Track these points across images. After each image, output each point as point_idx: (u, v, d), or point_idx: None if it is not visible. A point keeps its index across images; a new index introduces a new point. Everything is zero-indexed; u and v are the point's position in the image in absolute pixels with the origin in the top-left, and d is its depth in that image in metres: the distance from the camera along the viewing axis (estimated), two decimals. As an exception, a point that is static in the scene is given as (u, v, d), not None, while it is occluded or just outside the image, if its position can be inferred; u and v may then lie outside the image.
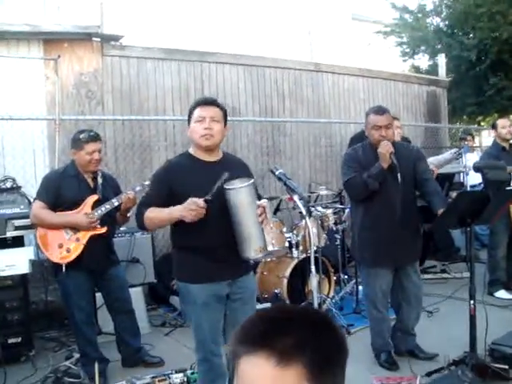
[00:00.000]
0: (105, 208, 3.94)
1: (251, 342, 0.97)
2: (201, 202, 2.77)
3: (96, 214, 3.91)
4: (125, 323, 4.32)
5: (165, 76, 6.80)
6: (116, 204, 3.98)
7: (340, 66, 8.67)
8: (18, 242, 4.35)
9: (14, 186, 4.96)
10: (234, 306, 3.09)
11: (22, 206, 4.48)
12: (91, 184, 4.07)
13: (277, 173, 2.85)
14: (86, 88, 6.16)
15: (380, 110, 3.98)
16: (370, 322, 4.28)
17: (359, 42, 13.40)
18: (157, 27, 8.76)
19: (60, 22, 6.10)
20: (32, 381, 4.03)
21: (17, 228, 4.27)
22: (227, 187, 2.79)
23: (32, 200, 4.19)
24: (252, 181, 2.88)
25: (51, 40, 6.00)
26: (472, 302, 3.66)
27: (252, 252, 2.85)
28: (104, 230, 3.98)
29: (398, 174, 3.75)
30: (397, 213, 3.81)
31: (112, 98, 6.37)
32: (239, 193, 2.79)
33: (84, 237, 3.92)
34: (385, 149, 3.80)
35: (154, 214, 2.96)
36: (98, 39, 6.22)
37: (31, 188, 5.51)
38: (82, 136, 3.99)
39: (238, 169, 3.07)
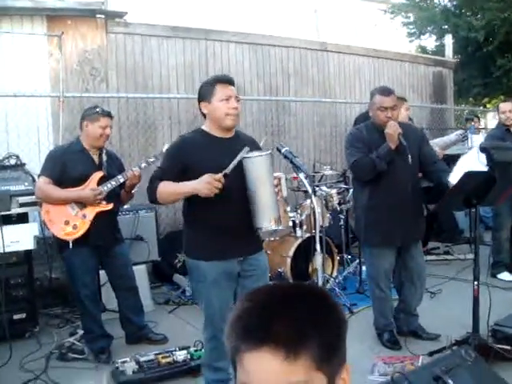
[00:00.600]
0: (111, 184, 3.96)
1: (253, 338, 0.93)
2: (219, 175, 2.76)
3: (102, 189, 3.93)
4: (128, 300, 4.33)
5: (169, 54, 6.75)
6: (122, 180, 3.99)
7: (346, 46, 8.60)
8: (22, 219, 4.35)
9: (18, 163, 4.96)
10: (245, 283, 3.08)
11: (26, 183, 4.47)
12: (96, 161, 4.07)
13: (283, 150, 2.84)
14: (90, 65, 6.13)
15: (386, 91, 3.95)
16: (372, 301, 4.29)
17: (366, 21, 13.26)
18: (161, 4, 8.68)
19: (63, -2, 6.04)
20: (37, 356, 4.06)
21: (21, 205, 4.27)
22: (247, 156, 2.79)
23: (37, 176, 4.17)
24: (270, 151, 2.90)
25: (55, 16, 5.95)
26: (476, 282, 3.65)
27: (266, 222, 2.85)
28: (110, 206, 4.00)
29: (409, 156, 3.74)
30: (405, 193, 3.85)
31: (116, 75, 6.34)
32: (258, 162, 2.81)
33: (91, 213, 3.93)
34: (392, 129, 3.78)
35: (167, 187, 2.95)
36: (102, 16, 6.17)
37: (35, 165, 5.50)
38: (98, 109, 4.06)
39: (251, 145, 3.05)
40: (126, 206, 5.08)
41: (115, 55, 6.35)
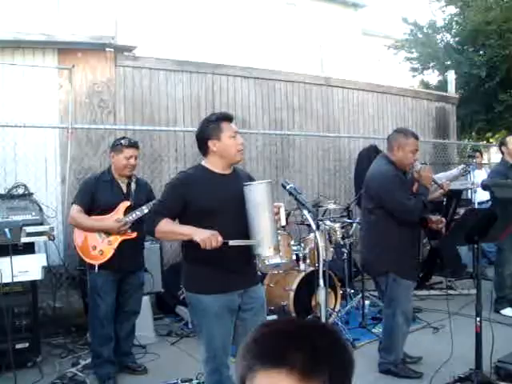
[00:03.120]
0: (135, 214, 4.15)
1: (270, 358, 0.98)
2: (220, 240, 2.80)
3: (126, 220, 4.11)
4: (126, 323, 4.43)
5: (176, 87, 6.87)
6: (146, 211, 4.11)
7: (350, 81, 8.73)
8: (29, 249, 4.39)
9: (26, 192, 5.01)
10: (244, 316, 3.10)
11: (33, 213, 4.52)
12: (124, 190, 4.27)
13: (288, 187, 2.89)
14: (99, 97, 6.24)
15: (417, 135, 4.23)
16: (397, 337, 4.23)
17: (369, 56, 13.46)
18: (169, 39, 8.85)
19: (74, 32, 6.18)
20: (39, 386, 4.05)
21: (28, 234, 4.31)
22: (247, 184, 2.87)
23: (71, 204, 4.42)
24: (270, 180, 2.97)
25: (65, 49, 6.09)
26: (478, 319, 3.67)
27: (266, 249, 2.88)
28: (134, 235, 4.18)
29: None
30: (419, 230, 4.18)
31: (124, 107, 6.45)
32: (258, 189, 2.88)
33: (115, 240, 4.15)
34: (428, 171, 4.09)
35: (168, 227, 2.98)
36: (112, 50, 6.31)
37: (42, 195, 5.57)
38: (123, 141, 4.27)
39: (247, 180, 3.12)
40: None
41: (123, 88, 6.47)
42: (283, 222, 2.98)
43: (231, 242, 2.82)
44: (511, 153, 5.86)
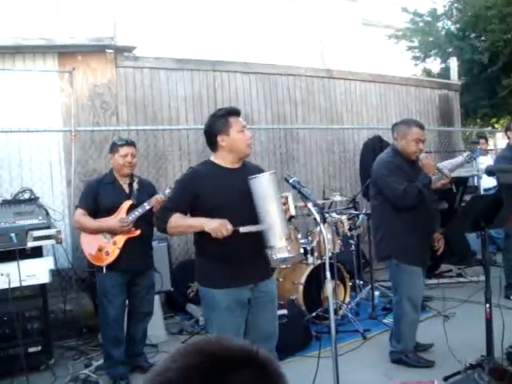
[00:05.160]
0: (138, 212, 4.15)
1: None
2: (230, 228, 2.85)
3: (129, 218, 4.13)
4: (139, 324, 4.45)
5: (178, 85, 6.87)
6: (148, 207, 4.15)
7: (352, 72, 8.69)
8: (36, 253, 4.41)
9: (32, 197, 5.04)
10: (254, 310, 3.13)
11: (40, 217, 4.54)
12: (126, 190, 4.30)
13: (291, 180, 2.89)
14: (101, 99, 6.26)
15: (421, 125, 4.25)
16: (405, 325, 4.24)
17: (370, 47, 13.40)
18: (169, 37, 8.83)
19: (74, 35, 6.19)
20: (52, 389, 4.08)
21: (36, 239, 4.33)
22: (253, 177, 2.88)
23: (74, 208, 4.53)
24: (273, 171, 2.99)
25: (65, 53, 6.11)
26: (488, 305, 3.65)
27: (278, 240, 2.89)
28: (138, 232, 4.19)
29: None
30: (432, 218, 4.21)
31: (126, 108, 6.46)
32: (264, 181, 2.89)
33: (120, 240, 4.16)
34: (431, 160, 4.11)
35: (180, 221, 3.04)
36: (112, 51, 6.32)
37: (48, 199, 5.60)
38: (117, 141, 4.34)
39: (256, 172, 3.11)
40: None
41: (125, 89, 6.48)
42: (293, 212, 3.00)
43: (242, 229, 2.85)
44: None
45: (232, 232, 2.84)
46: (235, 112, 3.18)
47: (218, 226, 2.84)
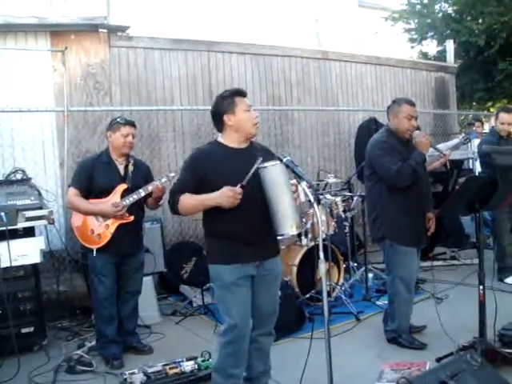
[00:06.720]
0: (132, 198, 4.13)
1: None
2: (237, 188, 2.89)
3: (123, 203, 4.10)
4: (127, 303, 4.43)
5: (172, 66, 6.81)
6: (143, 194, 4.14)
7: (347, 54, 8.64)
8: (29, 233, 4.39)
9: (24, 177, 5.00)
10: (257, 287, 3.16)
11: (32, 198, 4.52)
12: (122, 172, 4.25)
13: (284, 160, 2.86)
14: (94, 79, 6.19)
15: (411, 101, 4.22)
16: (398, 305, 4.25)
17: (366, 28, 13.31)
18: (163, 17, 8.75)
19: (66, 14, 6.11)
20: (45, 369, 4.07)
21: (27, 219, 4.31)
22: (263, 166, 2.87)
23: (67, 186, 4.46)
24: (287, 157, 2.95)
25: (58, 32, 6.03)
26: (481, 287, 3.66)
27: (289, 228, 2.90)
28: (131, 218, 4.17)
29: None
30: (426, 197, 4.20)
31: (120, 88, 6.40)
32: (274, 170, 2.87)
33: (113, 224, 4.14)
34: (425, 137, 4.04)
35: (188, 200, 3.05)
36: (105, 30, 6.24)
37: (41, 179, 5.56)
38: (119, 119, 4.27)
39: (264, 153, 3.12)
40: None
41: (118, 69, 6.41)
42: (303, 199, 2.99)
43: (244, 181, 2.88)
44: (497, 128, 5.84)
45: (241, 190, 2.89)
46: (241, 93, 3.19)
47: (226, 199, 2.90)
